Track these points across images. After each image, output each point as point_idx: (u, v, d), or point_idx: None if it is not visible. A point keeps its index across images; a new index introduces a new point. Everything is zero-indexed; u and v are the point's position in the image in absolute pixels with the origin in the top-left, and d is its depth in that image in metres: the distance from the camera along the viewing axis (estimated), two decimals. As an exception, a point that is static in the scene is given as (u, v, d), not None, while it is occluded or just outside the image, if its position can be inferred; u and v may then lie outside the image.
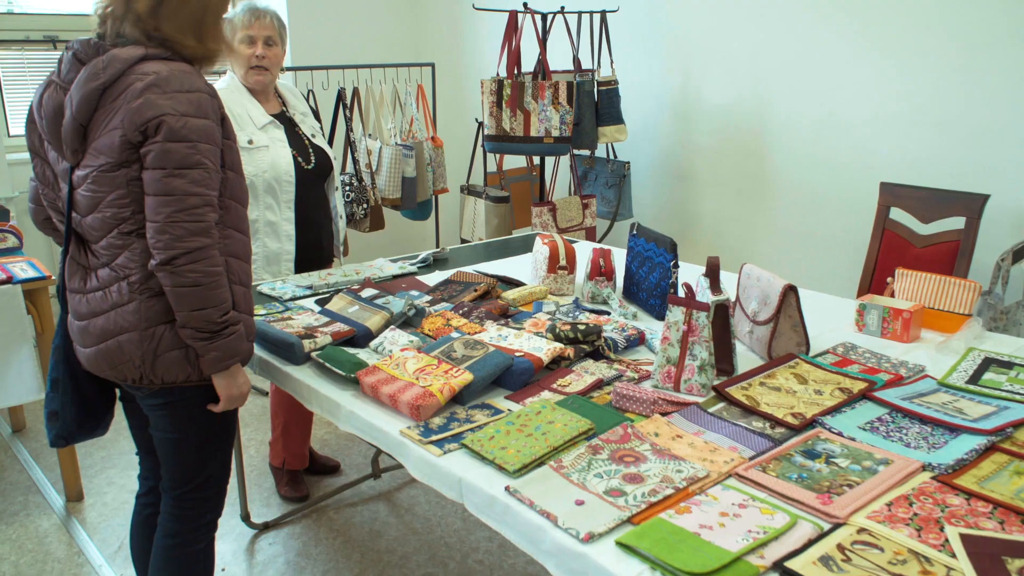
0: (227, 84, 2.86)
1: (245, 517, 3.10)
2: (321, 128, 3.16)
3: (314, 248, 3.07)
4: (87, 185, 1.78)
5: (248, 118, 2.84)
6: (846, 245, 3.76)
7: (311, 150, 2.99)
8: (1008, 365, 2.04)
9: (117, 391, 2.12)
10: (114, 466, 3.52)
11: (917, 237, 3.31)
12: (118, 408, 2.14)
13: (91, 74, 1.73)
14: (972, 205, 3.14)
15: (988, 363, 2.06)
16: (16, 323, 2.98)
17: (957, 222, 3.19)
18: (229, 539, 3.00)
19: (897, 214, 3.40)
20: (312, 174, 2.97)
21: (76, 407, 2.01)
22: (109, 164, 1.74)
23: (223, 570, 2.83)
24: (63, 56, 1.81)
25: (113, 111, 1.73)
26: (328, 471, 3.46)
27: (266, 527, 3.09)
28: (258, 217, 2.87)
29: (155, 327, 1.82)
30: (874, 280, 3.43)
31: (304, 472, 3.40)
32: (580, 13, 4.29)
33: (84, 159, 1.78)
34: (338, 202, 3.15)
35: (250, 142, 2.80)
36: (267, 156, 2.84)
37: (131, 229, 1.79)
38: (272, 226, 2.91)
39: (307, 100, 4.27)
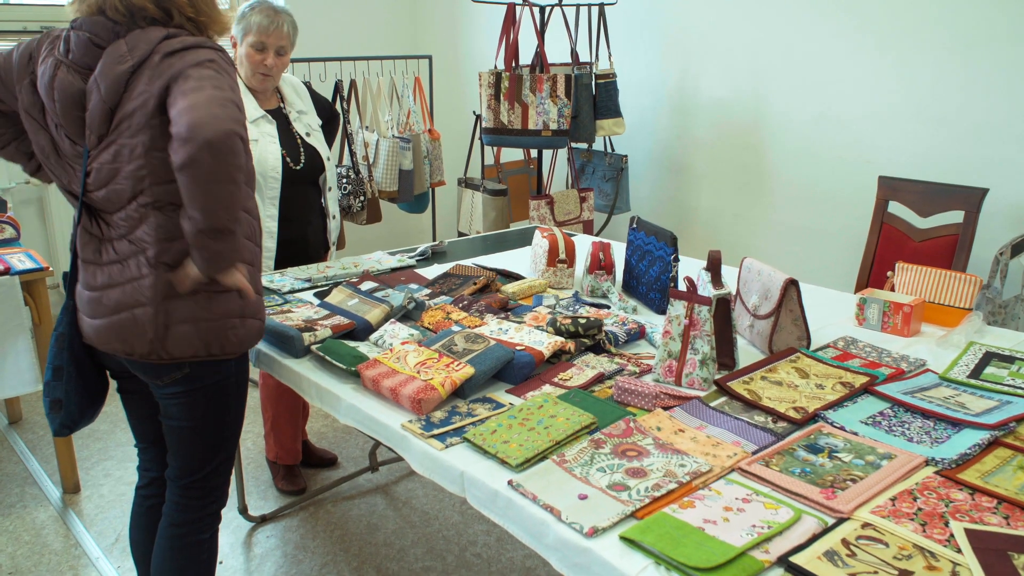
0: None
1: (243, 510, 3.09)
2: (322, 125, 3.10)
3: (298, 246, 2.99)
4: (105, 157, 1.77)
5: None
6: (844, 239, 3.76)
7: (302, 150, 2.92)
8: (1009, 359, 2.04)
9: (112, 381, 2.11)
10: (111, 458, 3.51)
11: (916, 231, 3.31)
12: (114, 400, 2.13)
13: (117, 58, 1.73)
14: (971, 199, 3.14)
15: (989, 357, 2.06)
16: (13, 314, 2.97)
17: (956, 216, 3.19)
18: (226, 532, 2.99)
19: (896, 208, 3.40)
20: (300, 174, 2.91)
21: (79, 395, 2.00)
22: (130, 133, 1.74)
23: (220, 563, 2.82)
24: (69, 36, 1.78)
25: (140, 83, 1.72)
26: (325, 464, 3.45)
27: (263, 520, 3.08)
28: None
29: (169, 300, 1.82)
30: (872, 274, 3.43)
31: (301, 465, 3.39)
32: (578, 6, 4.28)
33: (106, 137, 1.77)
34: (331, 202, 3.09)
35: None
36: (254, 151, 2.77)
37: (148, 201, 1.78)
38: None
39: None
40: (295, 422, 3.21)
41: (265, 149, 2.81)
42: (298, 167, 2.89)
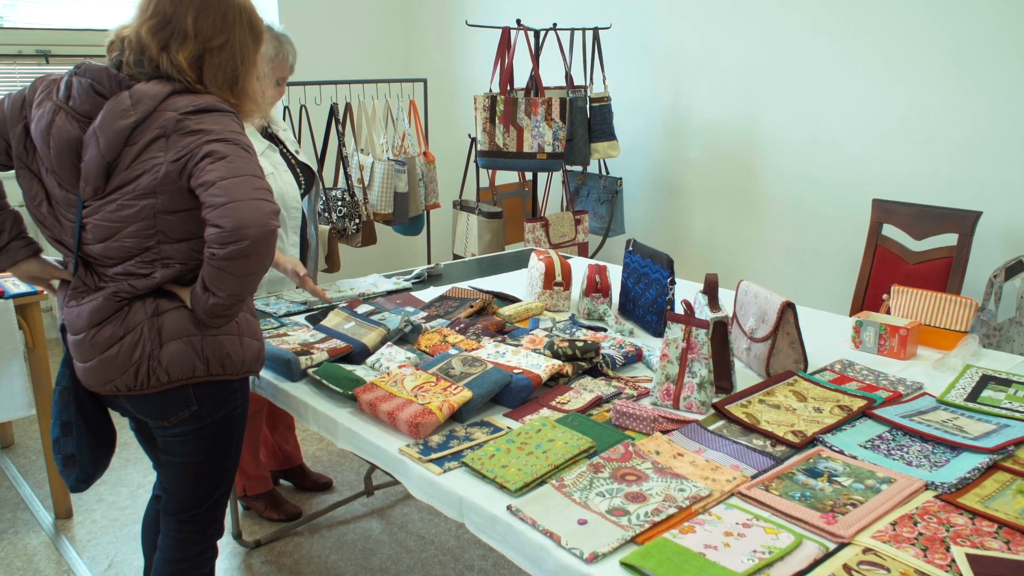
0: None
1: (237, 535, 3.06)
2: (295, 135, 3.04)
3: (303, 265, 3.00)
4: (104, 214, 1.73)
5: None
6: (838, 261, 3.77)
7: (299, 170, 2.88)
8: (1006, 382, 2.05)
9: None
10: (103, 483, 3.48)
11: (910, 254, 3.32)
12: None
13: (119, 111, 1.68)
14: (964, 222, 3.16)
15: (986, 380, 2.06)
16: (7, 338, 2.95)
17: (949, 239, 3.20)
18: (221, 558, 2.94)
19: (890, 231, 3.42)
20: (303, 195, 2.90)
21: (91, 447, 1.97)
22: (135, 195, 1.70)
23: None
24: (71, 81, 1.74)
25: (144, 144, 1.68)
26: (320, 488, 3.43)
27: (258, 545, 3.05)
28: None
29: (159, 316, 1.79)
30: (867, 296, 3.43)
31: (298, 489, 3.37)
32: (573, 30, 4.31)
33: (104, 192, 1.73)
34: (315, 222, 3.03)
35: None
36: (274, 184, 2.71)
37: (154, 258, 1.76)
38: (280, 252, 2.76)
39: (299, 115, 4.27)
40: (256, 450, 3.12)
41: (282, 180, 2.76)
42: (301, 190, 2.86)
